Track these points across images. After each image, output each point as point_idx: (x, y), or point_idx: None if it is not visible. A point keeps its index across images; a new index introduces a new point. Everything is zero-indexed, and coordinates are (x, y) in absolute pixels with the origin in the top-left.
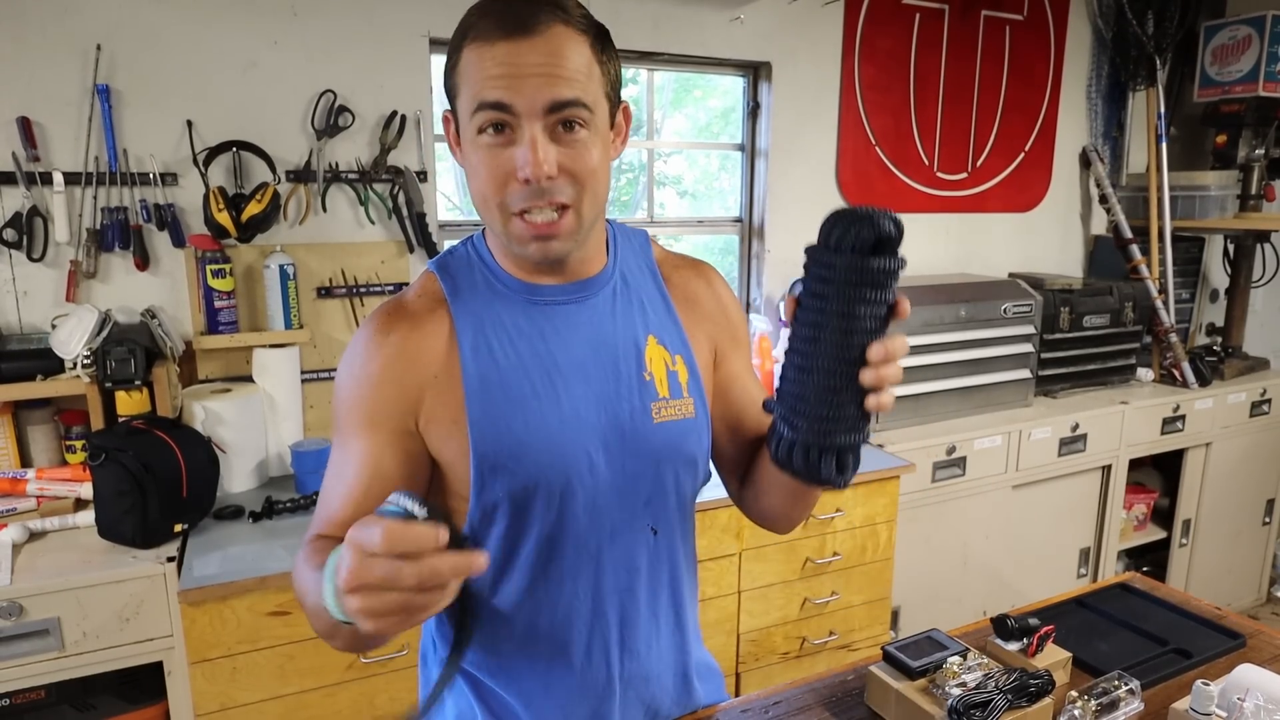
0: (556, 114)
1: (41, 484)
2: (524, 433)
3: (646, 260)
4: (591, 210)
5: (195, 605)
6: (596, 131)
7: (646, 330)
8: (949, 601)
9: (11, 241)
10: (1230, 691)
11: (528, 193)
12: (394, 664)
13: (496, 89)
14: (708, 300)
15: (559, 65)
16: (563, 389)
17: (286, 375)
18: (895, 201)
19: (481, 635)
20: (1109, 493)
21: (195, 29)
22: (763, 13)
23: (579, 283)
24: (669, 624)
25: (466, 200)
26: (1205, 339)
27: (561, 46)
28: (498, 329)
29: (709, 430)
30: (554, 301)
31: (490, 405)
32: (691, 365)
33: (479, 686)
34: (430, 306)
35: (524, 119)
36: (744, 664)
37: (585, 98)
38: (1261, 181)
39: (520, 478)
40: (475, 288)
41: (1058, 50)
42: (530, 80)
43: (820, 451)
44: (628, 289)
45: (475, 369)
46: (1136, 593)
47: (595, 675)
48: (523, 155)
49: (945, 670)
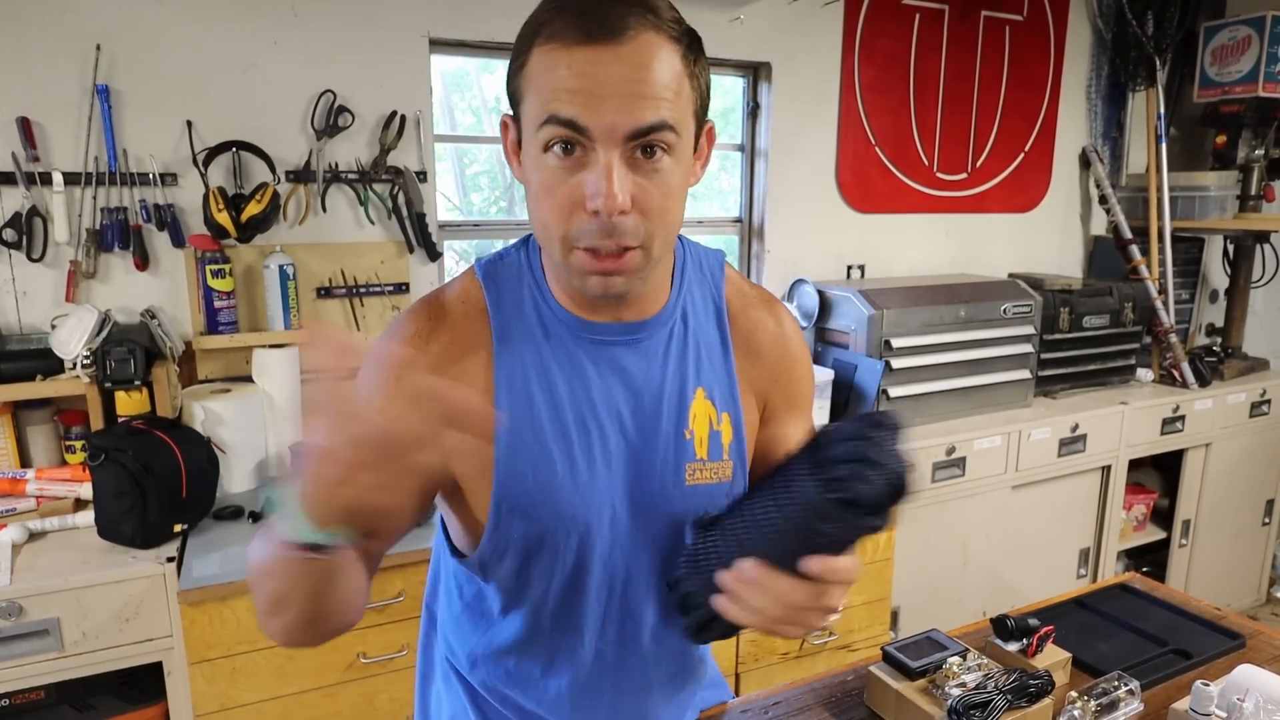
0: (640, 139)
1: (41, 484)
2: (548, 481)
3: (715, 295)
4: (663, 247)
5: (195, 605)
6: (680, 159)
7: (697, 382)
8: (949, 602)
9: (11, 241)
10: (1230, 692)
11: (596, 229)
12: (394, 664)
13: (571, 104)
14: (771, 351)
15: (646, 82)
16: (596, 438)
17: (286, 375)
18: (895, 201)
19: (482, 653)
20: (1109, 493)
21: (195, 29)
22: (763, 13)
23: (634, 324)
24: (674, 673)
25: (466, 200)
26: (1205, 339)
27: (651, 58)
28: (538, 361)
29: (745, 492)
30: (603, 341)
31: (518, 445)
32: (738, 425)
33: (476, 697)
34: (471, 315)
35: (599, 143)
36: (744, 664)
37: (673, 120)
38: (1261, 182)
39: (538, 524)
40: (521, 308)
41: (1057, 51)
42: (612, 100)
43: (695, 608)
44: (685, 332)
45: (508, 402)
46: (1136, 593)
47: (594, 708)
48: (594, 185)
49: (945, 671)
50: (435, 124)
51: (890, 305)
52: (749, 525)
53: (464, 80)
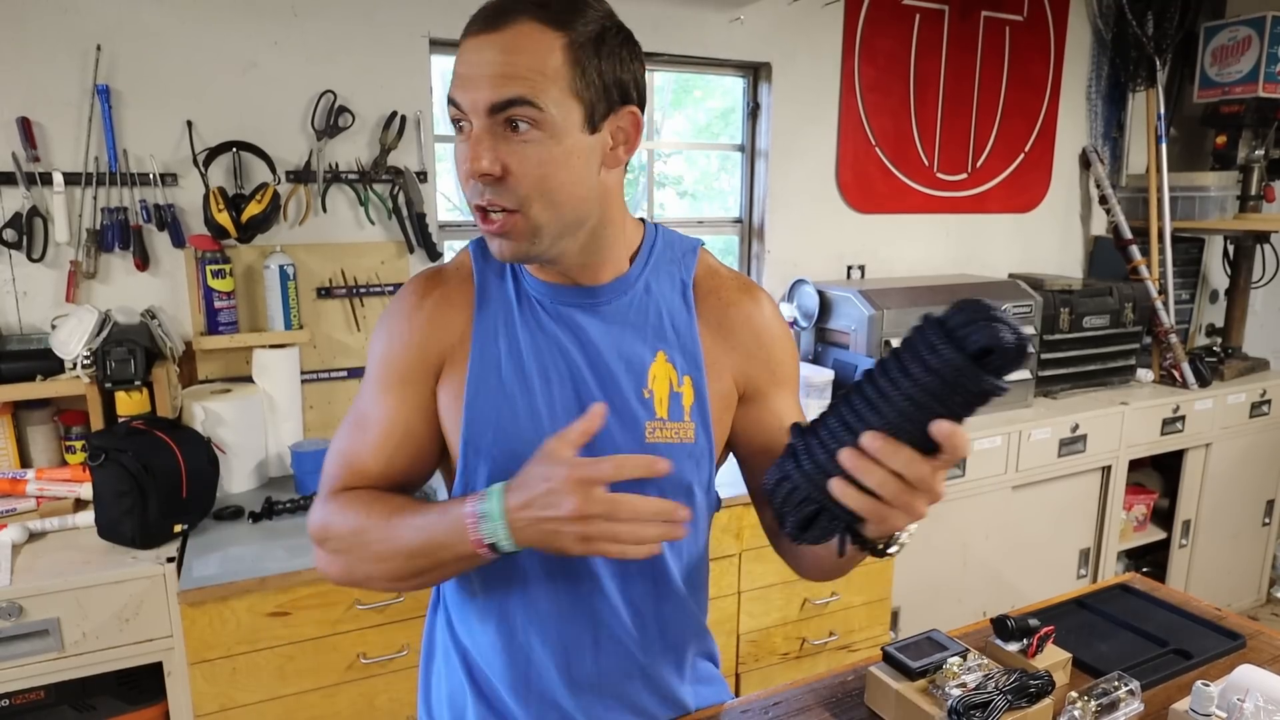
0: (500, 113)
1: (41, 484)
2: (508, 424)
3: (684, 274)
4: (550, 216)
5: (195, 606)
6: (551, 134)
7: (659, 345)
8: (949, 602)
9: (11, 242)
10: (1230, 692)
11: (475, 189)
12: (394, 664)
13: (455, 87)
14: (743, 329)
15: (510, 64)
16: (557, 391)
17: (286, 376)
18: (895, 202)
19: (473, 613)
20: (1109, 493)
21: (195, 29)
22: (763, 13)
23: (589, 288)
24: (651, 636)
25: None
26: (1205, 340)
27: (520, 43)
28: (507, 320)
29: (711, 458)
30: (566, 303)
31: (484, 390)
32: (700, 389)
33: (471, 668)
34: (462, 280)
35: (472, 117)
36: (744, 664)
37: (533, 96)
38: (1261, 182)
39: (499, 465)
40: (501, 274)
41: (1057, 51)
42: (479, 79)
43: (800, 503)
44: (648, 300)
45: (479, 352)
46: (1136, 593)
47: (575, 670)
48: (465, 152)
49: (945, 671)
50: (435, 124)
51: (890, 305)
52: (867, 406)
53: None
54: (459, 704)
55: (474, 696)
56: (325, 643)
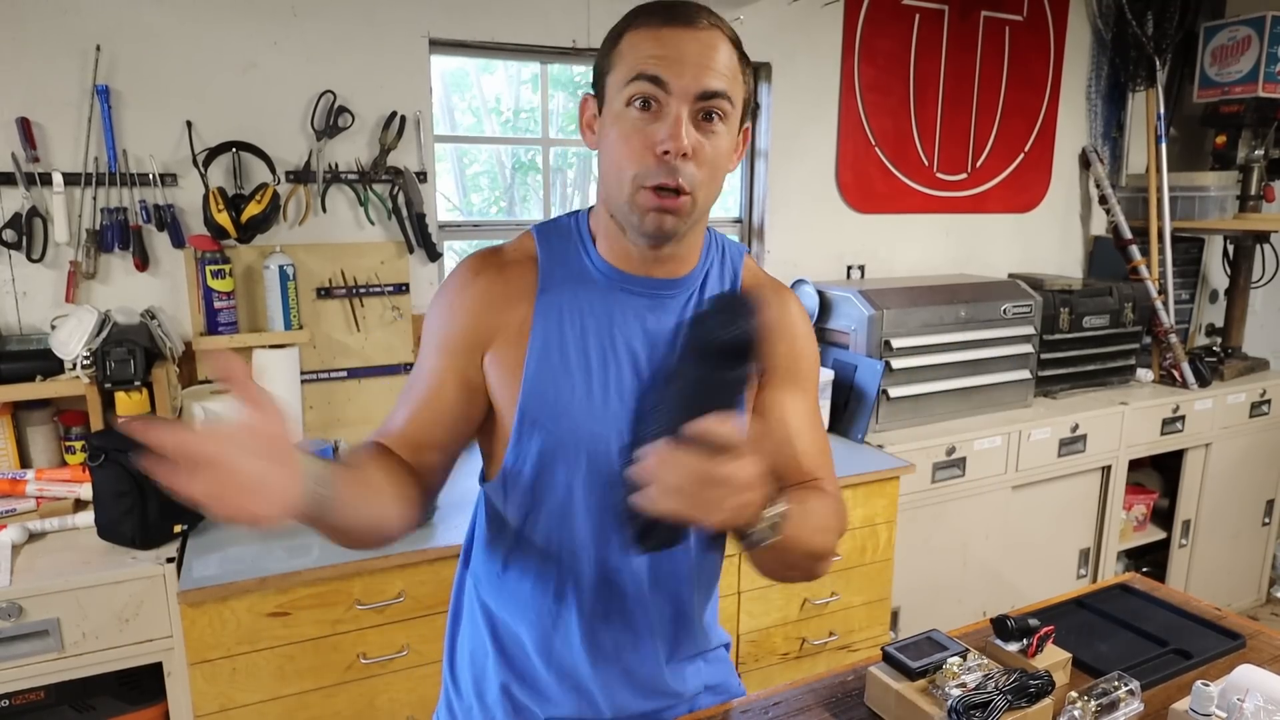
0: (704, 102)
1: (41, 485)
2: (567, 399)
3: (733, 275)
4: (706, 201)
5: (195, 606)
6: (730, 130)
7: None
8: (949, 602)
9: (11, 242)
10: (1230, 692)
11: (662, 169)
12: (394, 664)
13: (657, 66)
14: (777, 327)
15: (714, 59)
16: (613, 372)
17: (286, 376)
18: (895, 202)
19: (502, 578)
20: (1109, 493)
21: (195, 29)
22: (763, 13)
23: (664, 280)
24: (672, 605)
25: (466, 201)
26: (1205, 339)
27: (717, 44)
28: (573, 301)
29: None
30: (632, 291)
31: (544, 366)
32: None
33: (495, 627)
34: (520, 261)
35: (674, 98)
36: (744, 664)
37: (730, 94)
38: (1261, 182)
39: (553, 438)
40: (566, 259)
41: (1057, 51)
42: (688, 66)
43: (633, 516)
44: (702, 298)
45: (542, 330)
46: (1136, 593)
47: (596, 635)
48: (665, 130)
49: (945, 671)
50: (435, 124)
51: (890, 305)
52: (647, 420)
53: (464, 80)
54: (480, 661)
55: (495, 654)
56: (325, 643)
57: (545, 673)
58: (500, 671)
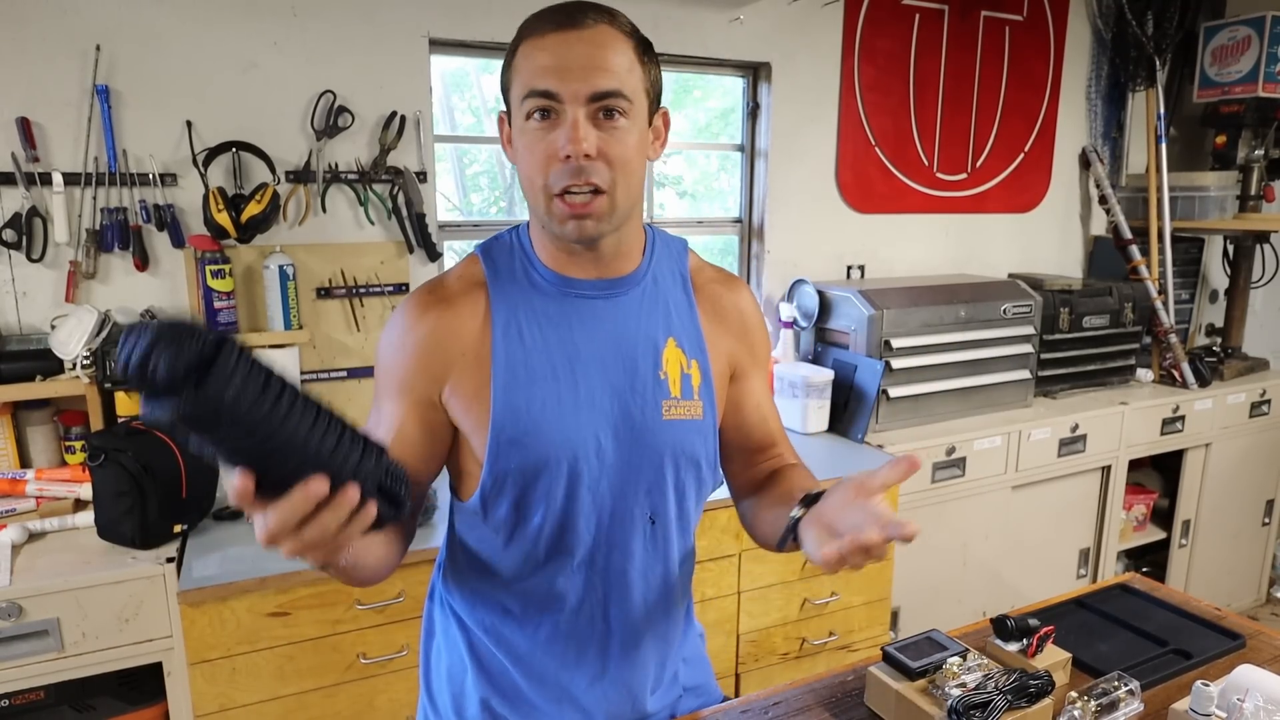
0: (598, 102)
1: (41, 485)
2: (540, 412)
3: (680, 267)
4: (625, 197)
5: (195, 606)
6: (635, 124)
7: (668, 332)
8: (949, 602)
9: (11, 242)
10: (1230, 692)
11: (567, 171)
12: (394, 664)
13: (545, 78)
14: (733, 315)
15: (602, 58)
16: (581, 376)
17: (285, 376)
18: (895, 202)
19: (482, 592)
20: (1109, 493)
21: (195, 29)
22: (763, 13)
23: (610, 280)
24: (658, 611)
25: (466, 201)
26: (1205, 339)
27: (606, 42)
28: (529, 314)
29: (715, 434)
30: (584, 295)
31: (513, 383)
32: (706, 371)
33: (473, 642)
34: (468, 289)
35: (568, 104)
36: (744, 664)
37: (625, 90)
38: (1261, 182)
39: (532, 453)
40: (514, 274)
41: (1057, 51)
42: (575, 70)
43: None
44: (657, 291)
45: (504, 349)
46: (1136, 593)
47: (583, 645)
48: (564, 135)
49: (945, 671)
50: (435, 124)
51: (890, 305)
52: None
53: (464, 80)
54: (457, 677)
55: (474, 669)
56: (325, 643)
57: (527, 686)
58: (480, 686)
